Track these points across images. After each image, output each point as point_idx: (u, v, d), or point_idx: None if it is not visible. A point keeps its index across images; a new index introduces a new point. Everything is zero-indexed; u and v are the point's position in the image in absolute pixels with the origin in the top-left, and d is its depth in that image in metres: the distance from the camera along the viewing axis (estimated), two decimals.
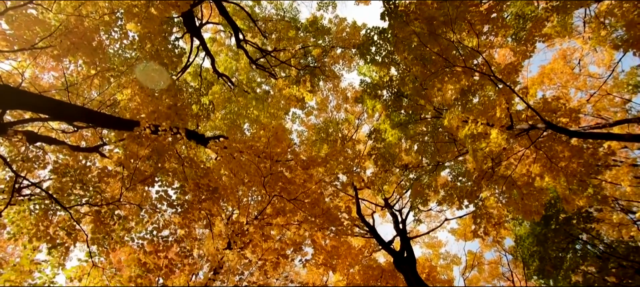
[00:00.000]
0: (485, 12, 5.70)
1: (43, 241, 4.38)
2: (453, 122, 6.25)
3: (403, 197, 11.20)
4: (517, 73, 6.34)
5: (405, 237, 9.18)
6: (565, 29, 6.70)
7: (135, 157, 4.86)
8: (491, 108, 6.27)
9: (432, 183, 7.30)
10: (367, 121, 13.09)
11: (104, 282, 4.69)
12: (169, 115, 5.57)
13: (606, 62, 10.65)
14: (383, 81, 7.64)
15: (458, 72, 6.14)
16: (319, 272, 9.76)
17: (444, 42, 5.80)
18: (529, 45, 6.15)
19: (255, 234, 5.01)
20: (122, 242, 4.56)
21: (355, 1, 13.17)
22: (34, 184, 4.76)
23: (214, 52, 11.56)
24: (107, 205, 4.76)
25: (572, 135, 6.37)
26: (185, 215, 4.80)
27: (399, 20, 5.82)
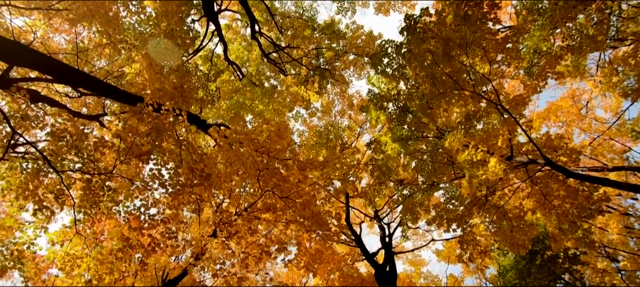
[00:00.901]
0: (501, 41, 5.54)
1: (30, 201, 4.25)
2: (454, 145, 6.10)
3: (394, 212, 11.03)
4: (525, 106, 6.18)
5: (389, 252, 9.02)
6: (578, 69, 6.54)
7: (134, 132, 4.73)
8: (493, 137, 6.12)
9: (424, 202, 7.14)
10: (368, 131, 12.92)
11: (85, 250, 4.56)
12: (174, 95, 5.44)
13: (613, 108, 10.47)
14: (390, 94, 7.49)
15: (466, 96, 5.98)
16: (299, 274, 9.61)
17: (457, 65, 5.65)
18: (540, 80, 5.99)
19: (243, 226, 4.87)
20: (108, 214, 4.42)
21: (374, 11, 13.04)
22: (29, 142, 4.63)
23: (228, 39, 11.42)
24: (99, 175, 4.63)
25: (570, 175, 6.21)
26: (176, 196, 4.66)
27: (416, 36, 5.68)
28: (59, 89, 5.86)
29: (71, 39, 6.06)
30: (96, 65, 6.28)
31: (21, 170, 4.45)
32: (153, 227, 4.54)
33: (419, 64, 6.22)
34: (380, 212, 10.69)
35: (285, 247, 5.22)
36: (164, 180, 4.71)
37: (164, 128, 4.82)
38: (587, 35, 5.72)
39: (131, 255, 4.52)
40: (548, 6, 6.03)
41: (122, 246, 4.43)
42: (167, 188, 4.70)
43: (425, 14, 6.08)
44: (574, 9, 5.74)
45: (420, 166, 7.06)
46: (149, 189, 4.62)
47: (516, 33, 6.08)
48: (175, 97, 5.30)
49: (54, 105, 5.24)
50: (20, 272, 4.46)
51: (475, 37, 5.50)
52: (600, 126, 10.59)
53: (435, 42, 5.82)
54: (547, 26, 5.82)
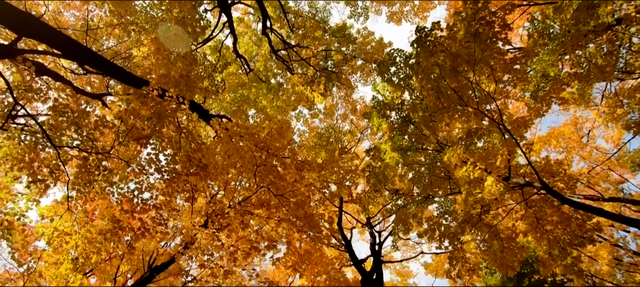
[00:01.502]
0: (509, 61, 5.43)
1: (25, 173, 4.15)
2: (453, 160, 5.99)
3: (386, 221, 10.88)
4: (527, 128, 6.07)
5: (378, 260, 8.89)
6: (583, 98, 6.42)
7: (136, 115, 4.63)
8: (493, 156, 6.01)
9: (418, 214, 7.02)
10: (369, 137, 12.79)
11: (74, 227, 4.46)
12: (179, 82, 5.34)
13: (614, 139, 10.33)
14: (394, 103, 7.37)
15: (469, 113, 5.87)
16: (286, 273, 9.49)
17: (463, 80, 5.54)
18: (544, 104, 5.87)
19: (235, 219, 4.77)
20: (101, 194, 4.32)
21: (386, 18, 12.94)
22: (30, 115, 4.54)
23: (239, 32, 11.32)
24: (96, 154, 4.53)
25: (565, 202, 6.10)
26: (170, 183, 4.56)
27: (425, 49, 5.58)
28: (64, 64, 5.78)
29: (82, 16, 5.98)
30: (104, 44, 6.19)
31: (19, 141, 4.35)
32: (145, 211, 4.44)
33: (425, 76, 6.11)
34: (373, 220, 10.55)
35: (275, 245, 5.11)
36: (161, 165, 4.61)
37: (166, 114, 4.72)
38: (596, 64, 5.59)
39: (120, 237, 4.42)
40: (559, 32, 5.91)
41: (112, 227, 4.33)
42: (162, 174, 4.60)
43: (436, 27, 5.97)
44: (584, 38, 5.62)
45: (417, 177, 6.95)
46: (145, 173, 4.52)
47: (525, 55, 5.97)
48: (180, 85, 5.20)
49: (59, 80, 5.15)
50: (7, 242, 4.37)
51: (484, 55, 5.39)
52: (600, 156, 10.46)
53: (443, 56, 5.72)
54: (556, 52, 5.71)
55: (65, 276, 4.64)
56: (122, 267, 5.98)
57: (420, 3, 12.62)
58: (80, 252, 4.48)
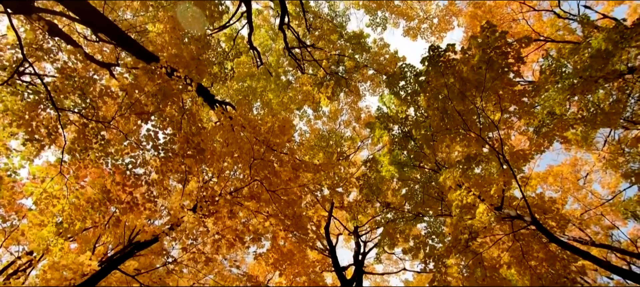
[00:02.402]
0: (517, 93, 5.24)
1: (23, 130, 4.02)
2: (448, 182, 5.80)
3: (373, 232, 10.68)
4: (526, 162, 5.88)
5: (360, 270, 8.70)
6: (586, 140, 6.22)
7: (141, 89, 4.49)
8: (488, 184, 5.83)
9: (405, 230, 6.84)
10: (368, 147, 12.61)
11: (63, 192, 4.32)
12: (189, 64, 5.19)
13: (611, 186, 10.11)
14: (398, 117, 7.20)
15: (471, 138, 5.68)
16: (266, 269, 9.32)
17: (469, 105, 5.37)
18: (547, 141, 5.68)
19: (224, 208, 4.61)
20: (95, 163, 4.18)
21: (403, 32, 12.75)
22: (37, 74, 4.41)
23: (255, 24, 11.16)
24: (96, 122, 4.39)
25: (553, 240, 5.90)
26: (166, 162, 4.41)
27: (436, 69, 5.41)
28: (78, 29, 5.65)
29: None
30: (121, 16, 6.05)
31: (22, 98, 4.22)
32: (136, 186, 4.29)
33: (433, 95, 5.94)
34: (360, 230, 10.36)
35: (259, 239, 4.95)
36: (158, 143, 4.46)
37: (172, 93, 4.58)
38: (603, 110, 5.39)
39: (108, 208, 4.27)
40: (572, 72, 5.72)
41: (101, 197, 4.18)
42: (159, 152, 4.45)
43: (450, 49, 5.80)
44: (595, 83, 5.43)
45: (410, 194, 6.77)
46: (142, 148, 4.38)
47: (535, 89, 5.78)
48: (190, 66, 5.05)
49: (71, 43, 5.02)
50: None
51: (494, 83, 5.22)
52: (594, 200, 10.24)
53: (453, 78, 5.54)
54: (566, 91, 5.52)
55: (46, 238, 4.50)
56: (104, 238, 5.84)
57: (438, 23, 12.44)
58: (65, 217, 4.34)
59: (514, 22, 10.68)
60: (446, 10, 12.45)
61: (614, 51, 5.40)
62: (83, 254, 4.63)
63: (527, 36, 5.64)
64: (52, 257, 4.98)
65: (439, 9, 12.54)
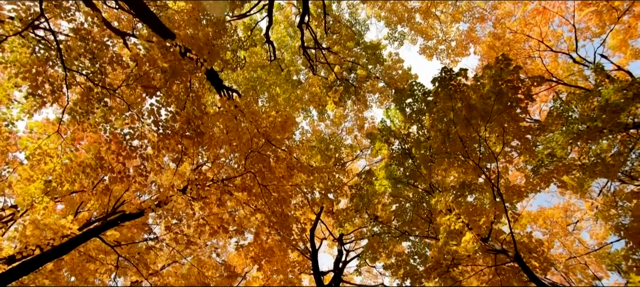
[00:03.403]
0: (522, 129, 5.23)
1: (27, 83, 4.02)
2: (439, 206, 5.78)
3: (357, 242, 10.64)
4: (520, 198, 5.86)
5: (338, 278, 8.65)
6: (582, 187, 6.21)
7: (152, 63, 4.51)
8: (478, 214, 5.80)
9: (389, 246, 6.81)
10: (366, 158, 12.59)
11: (57, 151, 4.30)
12: (203, 47, 5.21)
13: (599, 237, 10.08)
14: (401, 133, 7.20)
15: (469, 166, 5.67)
16: (245, 262, 9.28)
17: (472, 132, 5.36)
18: (543, 182, 5.66)
19: (214, 194, 4.59)
20: (94, 128, 4.17)
21: (419, 50, 12.80)
22: (51, 30, 4.42)
23: (275, 19, 11.20)
24: (102, 88, 4.39)
25: (534, 280, 5.87)
26: (163, 139, 4.40)
27: (445, 91, 5.41)
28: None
29: None
30: None
31: (32, 52, 4.22)
32: (130, 158, 4.28)
33: (438, 117, 5.94)
34: (345, 238, 10.32)
35: (243, 232, 4.92)
36: (159, 119, 4.46)
37: (181, 72, 4.59)
38: (604, 160, 5.38)
39: (98, 175, 4.25)
40: (578, 118, 5.72)
41: (94, 162, 4.16)
42: (159, 127, 4.45)
43: (462, 74, 5.81)
44: (600, 133, 5.42)
45: (400, 211, 6.75)
46: (142, 121, 4.37)
47: (540, 129, 5.78)
48: (203, 49, 5.07)
49: (89, 5, 5.04)
50: None
51: (500, 116, 5.20)
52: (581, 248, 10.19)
53: (461, 104, 5.54)
54: (570, 136, 5.51)
55: (33, 194, 4.48)
56: (90, 205, 5.81)
57: (456, 46, 12.49)
58: (55, 176, 4.32)
59: (529, 59, 10.72)
60: (465, 35, 12.52)
61: (624, 106, 5.40)
62: (66, 217, 4.60)
63: (540, 76, 5.66)
64: (35, 214, 4.96)
65: (459, 33, 12.63)
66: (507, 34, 10.68)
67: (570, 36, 10.05)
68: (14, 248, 4.82)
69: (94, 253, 5.72)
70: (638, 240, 4.98)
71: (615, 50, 9.99)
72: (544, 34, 10.21)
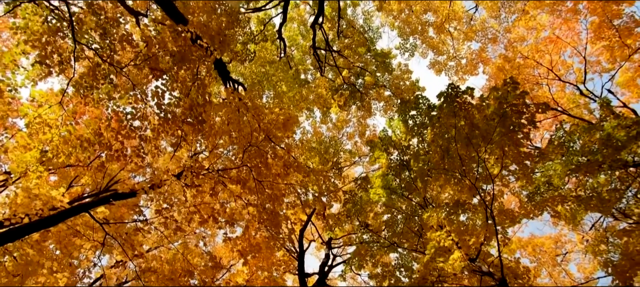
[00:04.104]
0: (522, 155, 5.30)
1: (35, 51, 4.07)
2: (431, 221, 5.83)
3: (345, 248, 10.68)
4: (513, 224, 5.91)
5: (322, 281, 8.70)
6: (574, 219, 6.28)
7: (162, 46, 4.57)
8: (469, 234, 5.86)
9: (377, 256, 6.85)
10: (364, 165, 12.67)
11: (57, 122, 4.35)
12: (214, 37, 5.28)
13: (586, 271, 10.14)
14: (401, 144, 7.26)
15: (464, 185, 5.73)
16: (231, 255, 9.32)
17: (472, 152, 5.42)
18: (537, 209, 5.71)
19: (207, 183, 4.64)
20: (97, 104, 4.23)
21: (429, 64, 12.91)
22: (65, 1, 4.47)
23: (289, 16, 11.28)
24: (109, 64, 4.45)
25: None
26: (164, 123, 4.46)
27: (450, 108, 5.48)
28: None
29: None
30: None
31: (44, 20, 4.28)
32: (129, 138, 4.33)
33: (440, 132, 6.00)
34: (334, 242, 10.38)
35: (233, 224, 4.96)
36: (163, 102, 4.52)
37: (190, 58, 4.65)
38: (600, 195, 5.44)
39: (95, 151, 4.30)
40: (579, 150, 5.79)
41: (93, 138, 4.21)
42: (161, 111, 4.50)
43: (469, 92, 5.88)
44: (599, 167, 5.49)
45: (392, 222, 6.80)
46: (145, 102, 4.42)
47: (539, 156, 5.85)
48: (214, 38, 5.15)
49: None
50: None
51: (502, 138, 5.27)
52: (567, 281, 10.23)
53: (464, 122, 5.60)
54: (569, 166, 5.57)
55: (28, 162, 4.52)
56: (83, 180, 5.84)
57: (465, 65, 12.61)
58: (52, 147, 4.36)
59: (537, 86, 10.82)
60: (476, 54, 12.64)
61: (626, 143, 5.47)
62: (58, 189, 4.63)
63: (545, 103, 5.74)
64: (27, 182, 4.99)
65: (470, 52, 12.75)
66: (517, 58, 10.78)
67: (580, 68, 10.17)
68: (2, 214, 4.85)
69: (81, 228, 5.75)
70: (625, 278, 5.04)
71: (623, 87, 10.10)
72: (554, 62, 10.31)
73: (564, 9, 10.05)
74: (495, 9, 11.83)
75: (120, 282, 8.53)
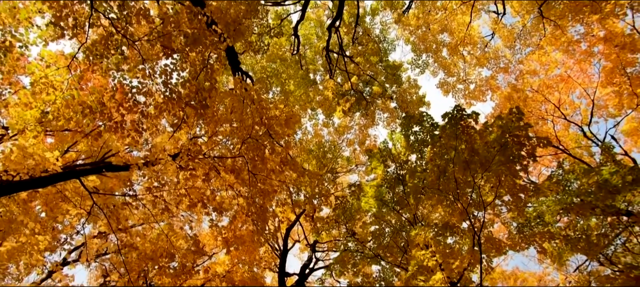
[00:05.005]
0: (517, 187, 5.41)
1: (52, 12, 4.16)
2: (418, 239, 5.93)
3: (329, 253, 10.76)
4: (498, 255, 5.99)
5: (302, 283, 8.76)
6: (560, 258, 6.38)
7: (177, 25, 4.67)
8: (453, 257, 5.94)
9: (359, 265, 6.92)
10: (360, 174, 12.76)
11: (62, 85, 4.44)
12: (229, 24, 5.39)
13: None
14: (400, 158, 7.36)
15: (456, 208, 5.83)
16: (214, 243, 9.37)
17: (468, 176, 5.52)
18: (525, 243, 5.81)
19: (202, 168, 4.72)
20: (105, 73, 4.32)
21: (438, 84, 13.09)
22: None
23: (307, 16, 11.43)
24: (123, 36, 4.55)
25: None
26: (168, 101, 4.55)
27: (452, 129, 5.60)
28: None
29: None
30: None
31: None
32: (131, 111, 4.43)
33: (439, 152, 6.11)
34: (318, 245, 10.45)
35: (221, 213, 5.04)
36: (169, 81, 4.61)
37: (203, 42, 4.76)
38: (588, 237, 5.55)
39: (96, 119, 4.38)
40: (575, 190, 5.91)
41: (95, 106, 4.30)
42: (167, 89, 4.59)
43: (473, 117, 5.99)
44: (592, 210, 5.60)
45: (378, 233, 6.88)
46: (152, 79, 4.52)
47: (535, 191, 5.96)
48: (229, 27, 5.26)
49: None
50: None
51: (499, 167, 5.38)
52: None
53: (465, 145, 5.71)
54: (563, 205, 5.69)
55: (28, 121, 4.59)
56: (80, 147, 5.91)
57: (474, 90, 12.79)
58: (54, 109, 4.44)
59: (542, 121, 10.97)
60: (485, 81, 12.83)
61: (622, 190, 5.58)
62: (53, 152, 4.70)
63: (548, 138, 5.86)
64: (24, 140, 5.06)
65: (480, 78, 12.93)
66: (527, 90, 10.95)
67: (587, 110, 10.34)
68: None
69: (70, 194, 5.81)
70: None
71: (627, 135, 10.26)
72: (562, 101, 10.48)
73: (579, 50, 10.25)
74: (511, 40, 12.03)
75: (100, 253, 8.57)
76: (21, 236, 5.67)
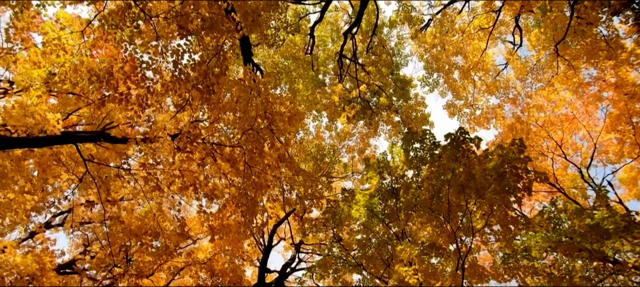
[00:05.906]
0: (509, 219, 5.50)
1: None
2: (402, 254, 6.00)
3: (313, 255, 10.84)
4: (480, 282, 6.07)
5: (281, 281, 8.83)
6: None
7: (196, 8, 4.76)
8: (436, 278, 6.00)
9: (340, 272, 6.99)
10: (355, 182, 12.84)
11: (74, 49, 4.52)
12: (248, 14, 5.48)
13: None
14: (396, 172, 7.45)
15: (445, 230, 5.91)
16: (200, 229, 9.44)
17: (462, 201, 5.61)
18: (507, 275, 5.89)
19: (199, 153, 4.80)
20: (118, 44, 4.40)
21: (445, 105, 13.24)
22: None
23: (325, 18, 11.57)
24: (141, 10, 4.64)
25: None
26: (176, 82, 4.63)
27: (453, 151, 5.70)
28: None
29: None
30: None
31: None
32: (137, 86, 4.51)
33: (436, 172, 6.19)
34: (303, 246, 10.53)
35: (212, 199, 5.11)
36: (180, 61, 4.69)
37: (218, 28, 4.85)
38: (571, 279, 5.63)
39: (102, 88, 4.46)
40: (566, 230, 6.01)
41: (102, 75, 4.38)
42: (176, 69, 4.67)
43: (476, 142, 6.08)
44: (579, 252, 5.69)
45: (363, 243, 6.96)
46: (164, 57, 4.60)
47: (525, 224, 6.05)
48: (248, 16, 5.35)
49: None
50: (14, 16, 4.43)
51: (493, 196, 5.48)
52: None
53: (463, 169, 5.81)
54: (551, 242, 5.77)
55: (34, 79, 4.66)
56: (82, 112, 5.99)
57: (479, 116, 12.94)
58: (61, 71, 4.52)
59: (542, 156, 11.09)
60: (492, 109, 12.99)
61: (612, 235, 5.67)
62: (54, 114, 4.77)
63: (545, 174, 5.96)
64: (27, 98, 5.13)
65: (487, 105, 13.09)
66: (531, 124, 11.08)
67: (587, 152, 10.47)
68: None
69: (64, 158, 5.86)
70: None
71: (623, 183, 10.39)
72: (564, 140, 10.61)
73: (588, 93, 10.40)
74: (523, 72, 12.19)
75: (84, 221, 8.61)
76: (10, 192, 5.72)
